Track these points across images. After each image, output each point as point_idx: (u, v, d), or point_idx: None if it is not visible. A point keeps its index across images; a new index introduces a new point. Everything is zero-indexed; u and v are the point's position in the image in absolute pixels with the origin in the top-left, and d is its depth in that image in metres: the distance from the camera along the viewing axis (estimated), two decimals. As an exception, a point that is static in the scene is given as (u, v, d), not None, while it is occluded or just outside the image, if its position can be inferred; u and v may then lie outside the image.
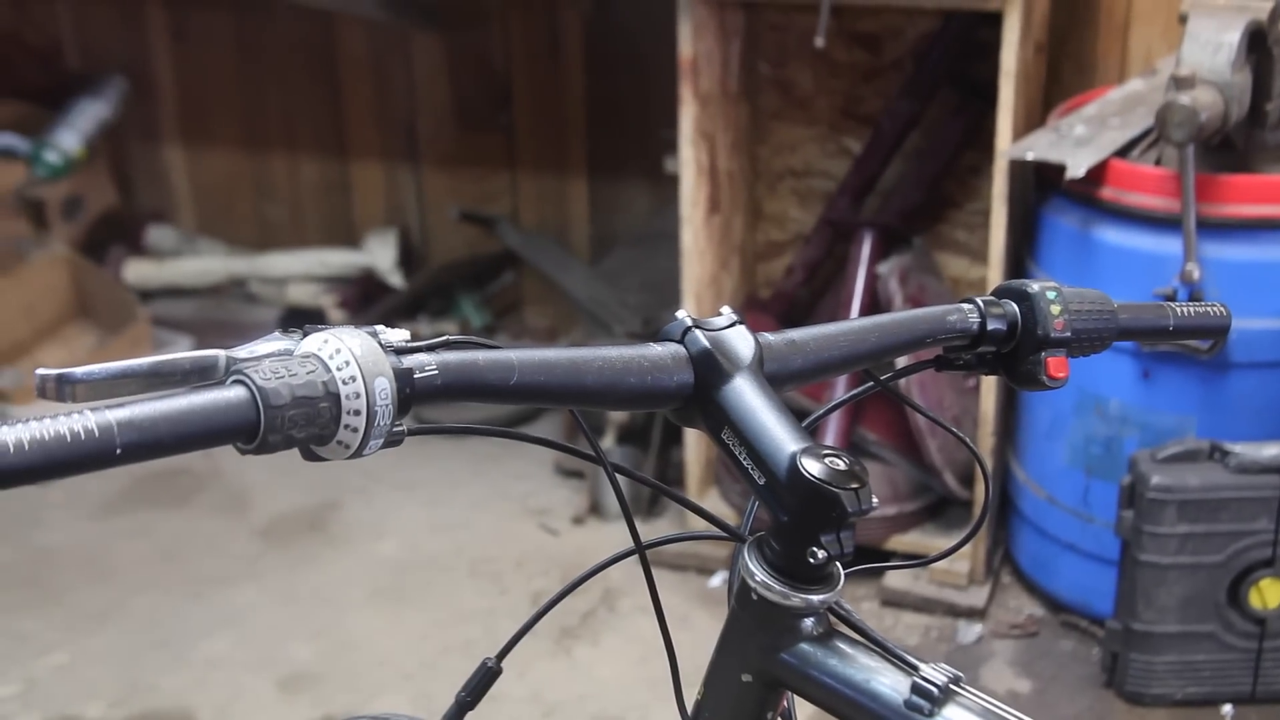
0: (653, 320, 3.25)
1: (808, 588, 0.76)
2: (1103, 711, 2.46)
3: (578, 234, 3.76)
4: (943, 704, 0.72)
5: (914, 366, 0.96)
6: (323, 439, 0.63)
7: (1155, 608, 2.38)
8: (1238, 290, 2.28)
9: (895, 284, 2.73)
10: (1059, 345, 0.90)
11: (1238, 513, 2.32)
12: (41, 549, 3.04)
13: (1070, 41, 2.90)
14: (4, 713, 2.52)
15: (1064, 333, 0.90)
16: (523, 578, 2.88)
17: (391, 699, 2.50)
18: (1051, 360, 0.90)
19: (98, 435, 0.55)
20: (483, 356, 0.70)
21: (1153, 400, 2.43)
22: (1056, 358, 0.90)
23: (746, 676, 0.80)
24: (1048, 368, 0.90)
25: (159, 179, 4.17)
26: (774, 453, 0.74)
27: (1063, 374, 0.90)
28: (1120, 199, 2.38)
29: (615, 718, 2.46)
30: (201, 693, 2.55)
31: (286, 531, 3.08)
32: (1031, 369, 0.90)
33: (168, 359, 0.61)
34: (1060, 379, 0.91)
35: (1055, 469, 2.60)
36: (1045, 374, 0.90)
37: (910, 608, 2.74)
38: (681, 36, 2.64)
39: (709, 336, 0.78)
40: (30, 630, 2.74)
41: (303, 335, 0.65)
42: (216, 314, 3.96)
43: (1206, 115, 2.20)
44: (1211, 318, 0.99)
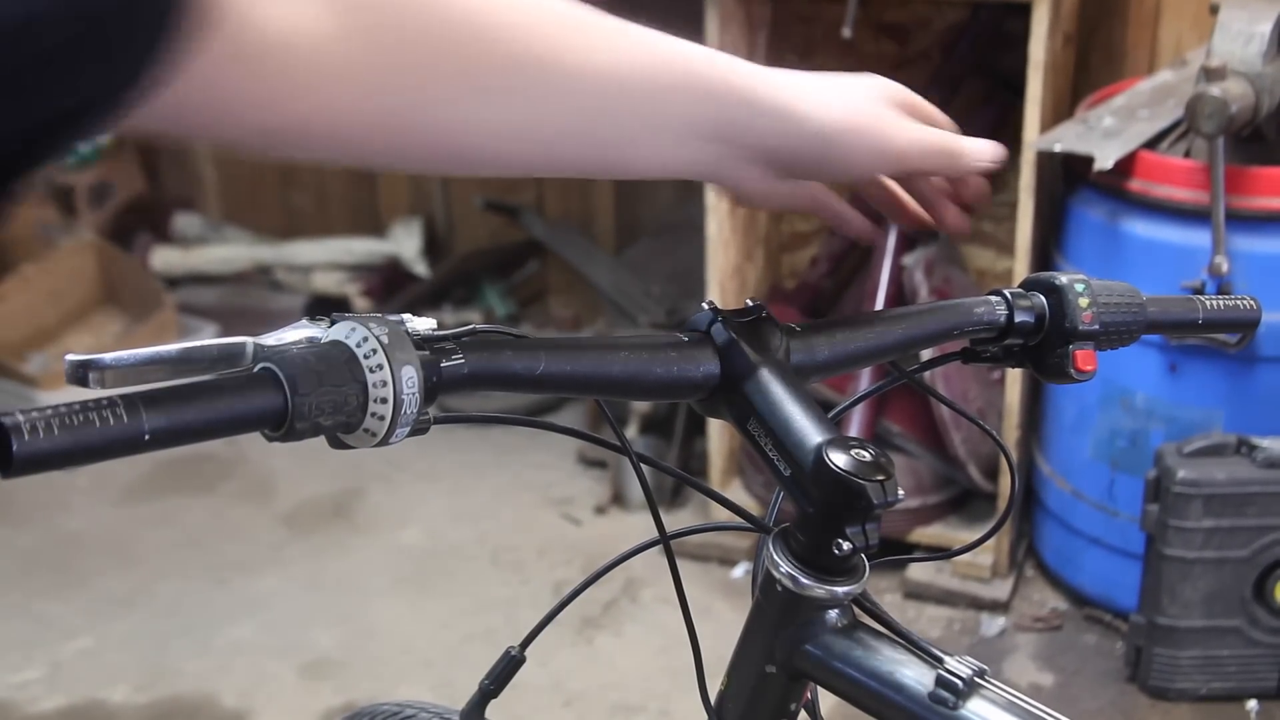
0: (677, 311, 3.25)
1: (832, 579, 0.76)
2: (1126, 706, 2.45)
3: (602, 224, 3.75)
4: (967, 697, 0.72)
5: (940, 359, 0.96)
6: (349, 427, 0.63)
7: (1180, 602, 2.37)
8: (1267, 283, 2.26)
9: (921, 275, 2.72)
10: (1087, 338, 0.89)
11: (1264, 507, 2.31)
12: (67, 534, 3.06)
13: (1099, 32, 2.89)
14: (29, 696, 2.53)
15: (1092, 325, 0.89)
16: (545, 567, 2.88)
17: (413, 687, 2.50)
18: (1079, 353, 0.89)
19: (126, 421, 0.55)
20: (509, 346, 0.70)
21: (1179, 394, 2.41)
22: (1084, 350, 0.89)
23: (770, 668, 0.80)
24: (1075, 360, 0.89)
25: (186, 167, 4.19)
26: (800, 444, 0.74)
27: (1090, 367, 0.90)
28: (1149, 191, 2.36)
29: (637, 707, 2.47)
30: (224, 678, 2.56)
31: (310, 519, 3.09)
32: (1059, 362, 0.89)
33: (195, 346, 0.61)
34: (1088, 372, 0.90)
35: (1080, 462, 2.59)
36: (1073, 367, 0.89)
37: (933, 600, 2.73)
38: (708, 27, 2.63)
39: (735, 327, 0.77)
40: (55, 615, 2.76)
41: (330, 323, 0.65)
42: (242, 301, 3.97)
43: (1237, 107, 2.18)
44: (1241, 311, 0.98)
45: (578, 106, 0.78)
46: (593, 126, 0.80)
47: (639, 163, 0.83)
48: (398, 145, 0.75)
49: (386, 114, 0.73)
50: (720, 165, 0.85)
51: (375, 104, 0.72)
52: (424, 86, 0.73)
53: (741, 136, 0.83)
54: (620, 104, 0.80)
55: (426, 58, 0.73)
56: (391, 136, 0.74)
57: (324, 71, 0.69)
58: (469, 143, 0.76)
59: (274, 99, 0.68)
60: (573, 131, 0.80)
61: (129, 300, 3.75)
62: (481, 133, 0.76)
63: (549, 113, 0.77)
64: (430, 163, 0.79)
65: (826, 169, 0.86)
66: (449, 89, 0.74)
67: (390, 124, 0.73)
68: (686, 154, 0.83)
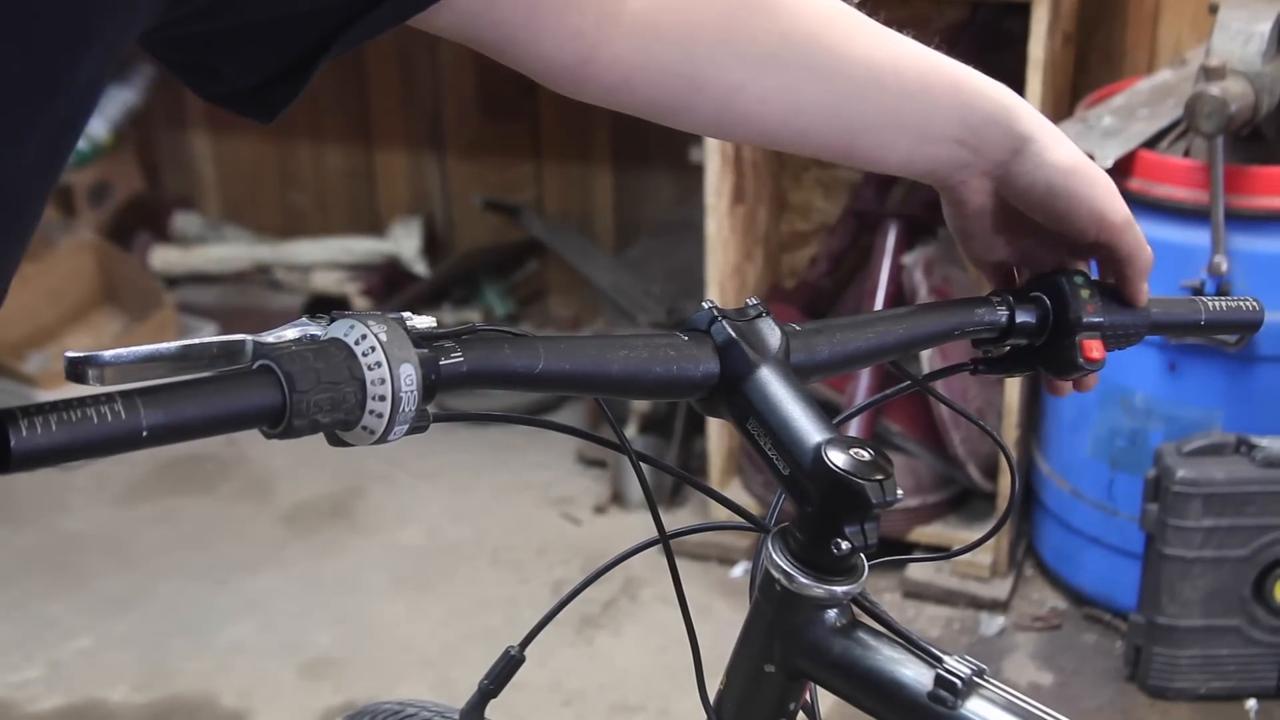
0: (677, 310, 3.25)
1: (831, 579, 0.76)
2: (1125, 705, 2.45)
3: (602, 223, 3.75)
4: (966, 696, 0.72)
5: (949, 369, 0.96)
6: (348, 424, 0.63)
7: (1179, 602, 2.37)
8: (1266, 283, 2.27)
9: (920, 275, 2.72)
10: (1092, 329, 0.89)
11: (1264, 507, 2.31)
12: (66, 534, 3.06)
13: (1099, 32, 2.89)
14: (28, 695, 2.53)
15: (1096, 316, 0.89)
16: (544, 566, 2.88)
17: (413, 686, 2.50)
18: (1087, 342, 0.89)
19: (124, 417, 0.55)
20: (508, 344, 0.70)
21: (1179, 393, 2.41)
22: (1092, 339, 0.89)
23: (769, 667, 0.80)
24: (1084, 349, 0.89)
25: (185, 166, 4.19)
26: (799, 443, 0.74)
27: (1099, 355, 0.90)
28: (1148, 190, 2.36)
29: (636, 707, 2.47)
30: (224, 678, 2.56)
31: (310, 518, 3.09)
32: (1068, 353, 0.89)
33: (195, 343, 0.62)
34: (1097, 360, 0.90)
35: (1079, 461, 2.59)
36: (1082, 356, 0.89)
37: (932, 600, 2.73)
38: (707, 25, 2.62)
39: (736, 326, 0.77)
40: (54, 614, 2.76)
41: (329, 321, 0.65)
42: (241, 301, 3.97)
43: (1236, 106, 2.18)
44: (1244, 312, 0.98)
45: (840, 90, 0.85)
46: (852, 111, 0.86)
47: (889, 155, 0.89)
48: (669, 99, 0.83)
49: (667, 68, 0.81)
50: (959, 171, 0.91)
51: (660, 58, 0.81)
52: (710, 44, 0.82)
53: (987, 147, 0.89)
54: (880, 94, 0.87)
55: (716, 19, 0.81)
56: (666, 90, 0.83)
57: (625, 16, 0.79)
58: (738, 105, 0.84)
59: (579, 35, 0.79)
60: (833, 112, 0.86)
61: (128, 300, 3.74)
62: (749, 97, 0.84)
63: (814, 90, 0.85)
64: (696, 119, 0.86)
65: (1053, 206, 0.89)
66: (729, 51, 0.82)
67: (668, 79, 0.82)
68: (934, 150, 0.89)
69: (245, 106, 0.74)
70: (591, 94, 0.83)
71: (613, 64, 0.80)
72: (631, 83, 0.82)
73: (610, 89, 0.82)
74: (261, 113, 0.74)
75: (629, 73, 0.81)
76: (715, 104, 0.84)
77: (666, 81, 0.83)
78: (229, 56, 0.71)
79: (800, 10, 0.84)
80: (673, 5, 0.81)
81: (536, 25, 0.77)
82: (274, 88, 0.73)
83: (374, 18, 0.71)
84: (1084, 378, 0.92)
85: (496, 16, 0.75)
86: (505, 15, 0.76)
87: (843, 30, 0.86)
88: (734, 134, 0.89)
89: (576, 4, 0.78)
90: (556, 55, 0.79)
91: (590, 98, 0.83)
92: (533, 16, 0.77)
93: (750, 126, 0.87)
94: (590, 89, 0.82)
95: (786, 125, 0.86)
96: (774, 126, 0.86)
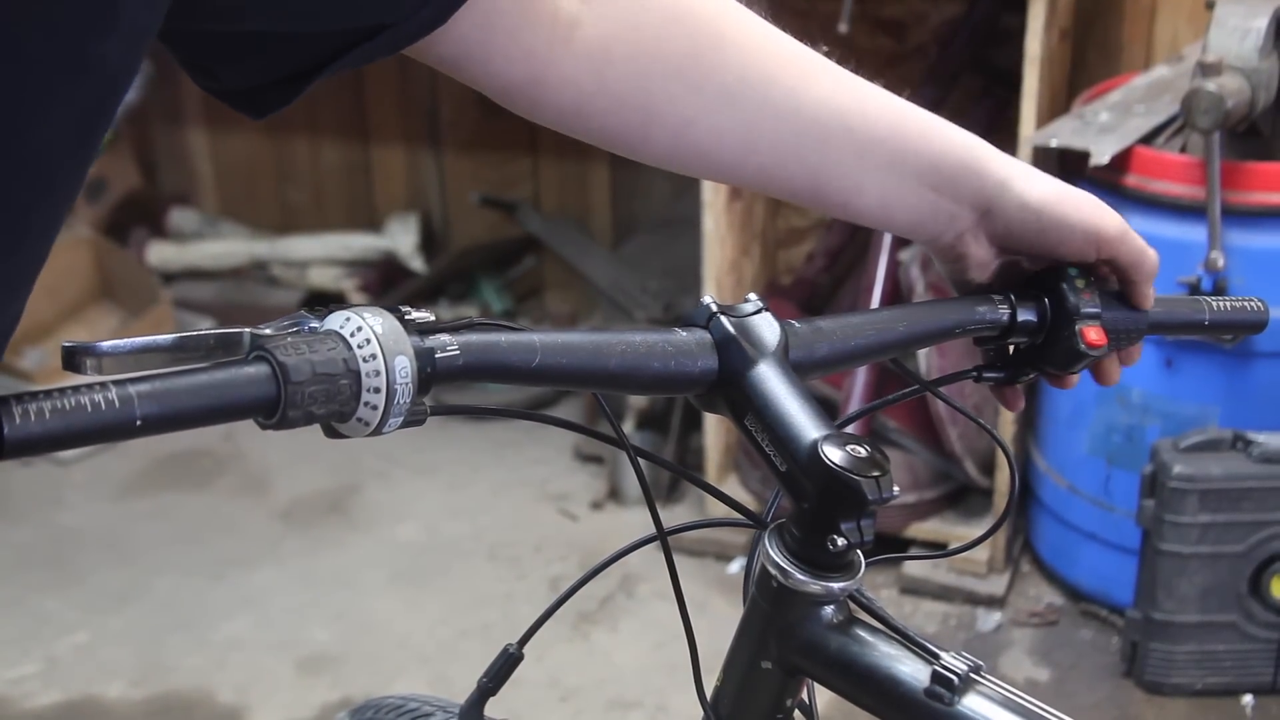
0: (674, 306, 3.25)
1: (828, 575, 0.76)
2: (1122, 701, 2.45)
3: (599, 219, 3.75)
4: (963, 693, 0.72)
5: (953, 375, 0.96)
6: (343, 416, 0.63)
7: (1176, 597, 2.37)
8: (1263, 279, 2.27)
9: (917, 271, 2.72)
10: (1091, 318, 0.89)
11: (1260, 502, 2.31)
12: (63, 529, 3.06)
13: (1095, 27, 2.89)
14: (25, 691, 2.53)
15: (1092, 303, 0.89)
16: (541, 562, 2.88)
17: (410, 681, 2.50)
18: (1086, 329, 0.89)
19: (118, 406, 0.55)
20: (505, 338, 0.70)
21: (1175, 389, 2.42)
22: (1091, 326, 0.89)
23: (766, 663, 0.80)
24: (1084, 336, 0.89)
25: (182, 162, 4.18)
26: (795, 439, 0.74)
27: (1100, 340, 0.89)
28: (1145, 186, 2.36)
29: (633, 703, 2.47)
30: (221, 673, 2.56)
31: (307, 514, 3.09)
32: (1069, 342, 0.89)
33: (191, 334, 0.62)
34: (1100, 346, 0.89)
35: (1076, 458, 2.59)
36: (1083, 343, 0.89)
37: (929, 595, 2.73)
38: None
39: (734, 322, 0.77)
40: (51, 610, 2.76)
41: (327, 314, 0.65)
42: (238, 297, 3.97)
43: (1233, 102, 2.18)
44: (1248, 313, 0.97)
45: (800, 130, 0.86)
46: (814, 152, 0.87)
47: (860, 199, 0.89)
48: (622, 128, 0.84)
49: (620, 97, 0.82)
50: (948, 227, 0.91)
51: (614, 86, 0.82)
52: (664, 76, 0.83)
53: (965, 194, 0.89)
54: (844, 137, 0.87)
55: (671, 51, 0.82)
56: (620, 118, 0.84)
57: (578, 41, 0.80)
58: (693, 139, 0.85)
59: (529, 55, 0.80)
60: (794, 153, 0.86)
61: (125, 295, 3.74)
62: (704, 132, 0.85)
63: (772, 129, 0.85)
64: (651, 151, 0.87)
65: (1046, 240, 0.90)
66: (684, 85, 0.83)
67: (621, 108, 0.83)
68: (910, 199, 0.89)
69: (236, 102, 0.76)
70: (547, 115, 0.84)
71: (564, 86, 0.81)
72: (585, 109, 0.83)
73: (564, 112, 0.83)
74: (252, 111, 0.76)
75: (581, 98, 0.82)
76: (669, 136, 0.85)
77: (620, 110, 0.83)
78: (226, 61, 0.73)
79: (759, 50, 0.85)
80: (627, 35, 0.82)
81: (489, 43, 0.79)
82: (265, 94, 0.75)
83: (368, 48, 0.73)
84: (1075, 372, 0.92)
85: (454, 33, 0.77)
86: (463, 32, 0.77)
87: (804, 72, 0.86)
88: (691, 169, 0.90)
89: (529, 23, 0.79)
90: (509, 73, 0.80)
91: (546, 120, 0.84)
92: (486, 34, 0.78)
93: (706, 162, 0.87)
94: (544, 110, 0.83)
95: (744, 163, 0.87)
96: (731, 163, 0.87)
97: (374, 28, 0.72)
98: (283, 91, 0.75)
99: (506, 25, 0.78)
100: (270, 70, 0.74)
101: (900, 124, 0.88)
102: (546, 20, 0.79)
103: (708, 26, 0.84)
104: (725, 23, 0.85)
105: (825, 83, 0.87)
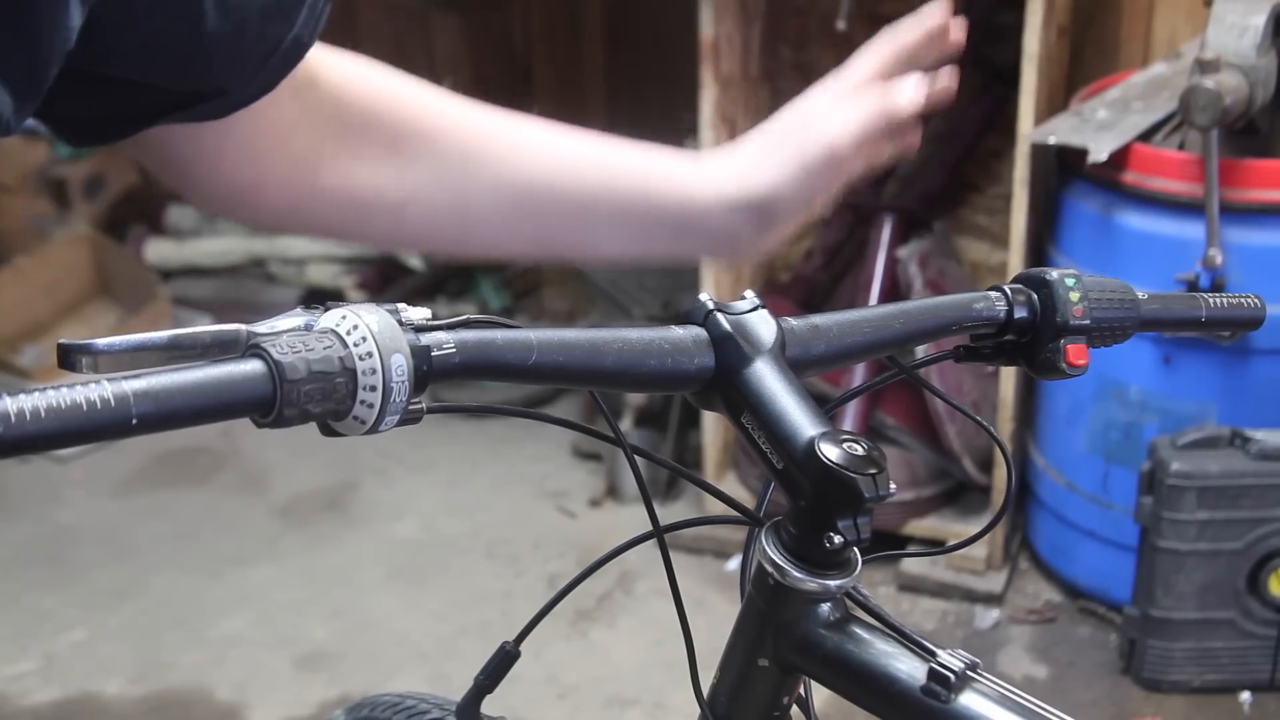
0: (671, 303, 3.25)
1: (825, 573, 0.76)
2: (1119, 698, 2.45)
3: (597, 216, 3.75)
4: (960, 690, 0.72)
5: (935, 357, 0.96)
6: (339, 414, 0.63)
7: (1174, 594, 2.37)
8: (1261, 276, 2.27)
9: (915, 268, 2.72)
10: (1078, 332, 0.89)
11: (1258, 500, 2.31)
12: (61, 527, 3.06)
13: (1094, 25, 2.88)
14: (23, 688, 2.53)
15: (1083, 320, 0.89)
16: (539, 559, 2.88)
17: (408, 679, 2.50)
18: (1071, 347, 0.89)
19: (114, 405, 0.55)
20: (501, 336, 0.70)
21: (1173, 386, 2.42)
22: (1076, 345, 0.89)
23: (763, 661, 0.80)
24: (1067, 355, 0.89)
25: (179, 159, 4.17)
26: (792, 437, 0.74)
27: (1082, 361, 0.89)
28: (1143, 183, 2.36)
29: (631, 700, 2.47)
30: (219, 670, 2.56)
31: (305, 511, 3.09)
32: (1051, 357, 0.89)
33: (188, 332, 0.62)
34: (1080, 366, 0.89)
35: (1074, 455, 2.59)
36: (1065, 361, 0.89)
37: (928, 593, 2.74)
38: (703, 18, 2.63)
39: (731, 320, 0.77)
40: (50, 607, 2.76)
41: (323, 311, 0.65)
42: (236, 294, 3.97)
43: (1231, 99, 2.18)
44: (1245, 309, 0.97)
45: (514, 198, 0.89)
46: (532, 218, 0.90)
47: (606, 249, 0.93)
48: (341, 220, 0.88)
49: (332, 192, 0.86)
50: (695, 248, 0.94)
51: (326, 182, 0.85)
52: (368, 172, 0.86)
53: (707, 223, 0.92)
54: (558, 199, 0.90)
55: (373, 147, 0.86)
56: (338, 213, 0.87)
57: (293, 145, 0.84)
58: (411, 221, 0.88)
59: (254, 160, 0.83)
60: (512, 220, 0.90)
61: (123, 293, 3.74)
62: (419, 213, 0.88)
63: (484, 202, 0.88)
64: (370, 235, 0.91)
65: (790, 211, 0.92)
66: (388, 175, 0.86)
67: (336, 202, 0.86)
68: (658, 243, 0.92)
69: (59, 127, 0.78)
70: (264, 218, 0.88)
71: (280, 188, 0.85)
72: (300, 208, 0.87)
73: (280, 213, 0.87)
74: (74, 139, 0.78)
75: (296, 198, 0.86)
76: (388, 222, 0.88)
77: (336, 205, 0.87)
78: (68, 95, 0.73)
79: (462, 131, 0.89)
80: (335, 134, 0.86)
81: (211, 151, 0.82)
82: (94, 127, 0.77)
83: (204, 108, 0.76)
84: None
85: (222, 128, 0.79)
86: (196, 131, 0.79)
87: (510, 145, 0.90)
88: (417, 247, 0.95)
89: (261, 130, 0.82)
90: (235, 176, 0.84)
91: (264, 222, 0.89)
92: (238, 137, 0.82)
93: (431, 239, 0.91)
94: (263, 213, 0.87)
95: (468, 235, 0.90)
96: (455, 237, 0.91)
97: (214, 90, 0.75)
98: (108, 130, 0.77)
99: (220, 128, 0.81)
100: (105, 110, 0.75)
101: (613, 177, 0.91)
102: (270, 128, 0.82)
103: (409, 116, 0.87)
104: (426, 111, 0.88)
105: (533, 152, 0.90)
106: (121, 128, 0.76)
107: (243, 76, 0.75)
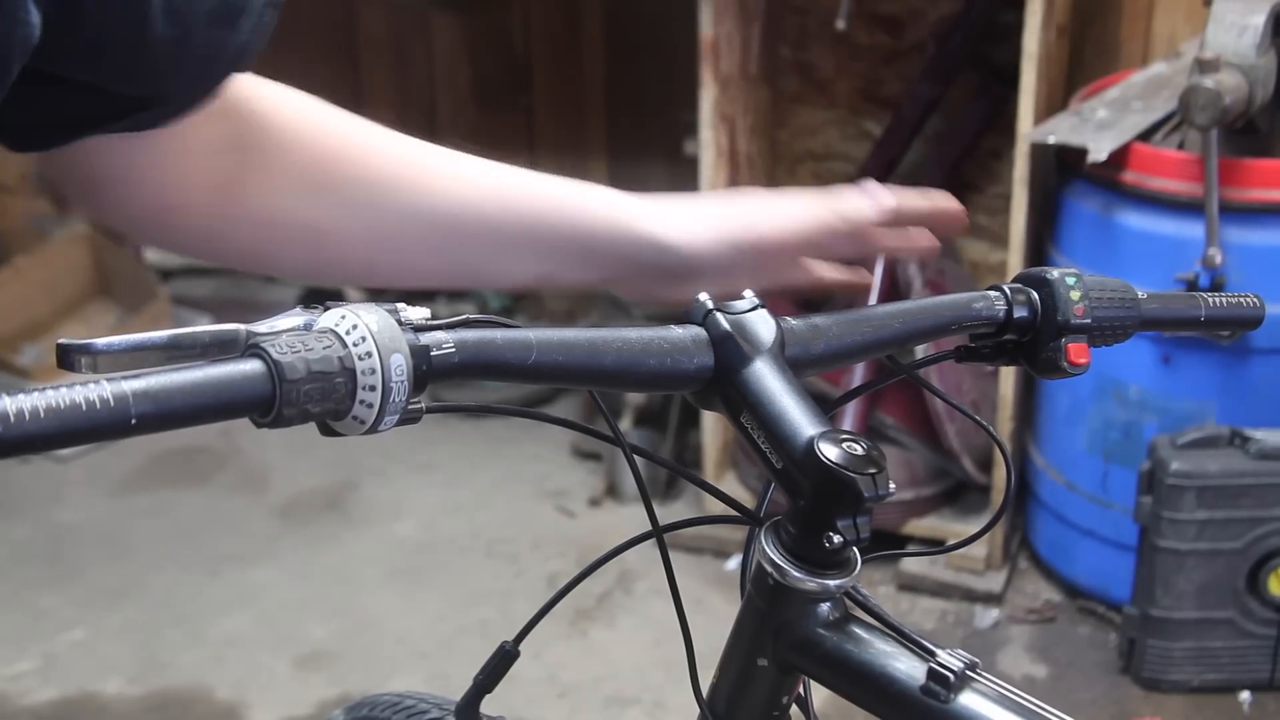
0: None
1: (824, 572, 0.76)
2: (1119, 697, 2.45)
3: (597, 215, 3.74)
4: (959, 690, 0.72)
5: (935, 356, 0.96)
6: (338, 414, 0.63)
7: (1173, 594, 2.37)
8: (1260, 275, 2.27)
9: (915, 268, 2.72)
10: (1079, 331, 0.89)
11: (1258, 499, 2.31)
12: (61, 526, 3.06)
13: (1093, 24, 2.88)
14: (22, 688, 2.53)
15: (1084, 319, 0.89)
16: (539, 559, 2.88)
17: (408, 678, 2.50)
18: (1072, 346, 0.89)
19: (113, 405, 0.55)
20: (501, 335, 0.70)
21: (1173, 386, 2.42)
22: (1077, 343, 0.89)
23: (762, 661, 0.80)
24: (1068, 354, 0.89)
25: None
26: (791, 437, 0.74)
27: (1083, 360, 0.89)
28: (1142, 183, 2.36)
29: (630, 699, 2.47)
30: (218, 670, 2.56)
31: (304, 511, 3.09)
32: (1052, 356, 0.89)
33: (188, 332, 0.62)
34: (1081, 365, 0.89)
35: (1074, 454, 2.59)
36: (1066, 360, 0.89)
37: (927, 592, 2.74)
38: (703, 18, 2.63)
39: (731, 319, 0.77)
40: (49, 606, 2.76)
41: (323, 311, 0.65)
42: (236, 293, 3.96)
43: (1231, 99, 2.18)
44: (1244, 309, 0.97)
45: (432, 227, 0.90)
46: (451, 246, 0.91)
47: (525, 276, 0.94)
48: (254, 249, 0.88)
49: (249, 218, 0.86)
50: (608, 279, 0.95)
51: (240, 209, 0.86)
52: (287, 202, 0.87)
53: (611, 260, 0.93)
54: (479, 227, 0.91)
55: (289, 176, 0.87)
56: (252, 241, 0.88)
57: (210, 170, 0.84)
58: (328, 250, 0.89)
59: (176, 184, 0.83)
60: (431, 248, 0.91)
61: (123, 292, 3.74)
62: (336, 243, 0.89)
63: (401, 231, 0.89)
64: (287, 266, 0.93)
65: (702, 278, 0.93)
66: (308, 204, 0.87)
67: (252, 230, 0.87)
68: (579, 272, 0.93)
69: None
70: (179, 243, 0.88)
71: (197, 213, 0.85)
72: (215, 235, 0.87)
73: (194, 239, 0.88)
74: (9, 144, 0.78)
75: (213, 224, 0.86)
76: (306, 250, 0.89)
77: (253, 232, 0.88)
78: None
79: (378, 158, 0.90)
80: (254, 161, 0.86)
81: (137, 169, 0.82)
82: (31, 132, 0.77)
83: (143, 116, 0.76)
84: None
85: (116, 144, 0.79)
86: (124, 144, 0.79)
87: (427, 172, 0.91)
88: (332, 278, 0.94)
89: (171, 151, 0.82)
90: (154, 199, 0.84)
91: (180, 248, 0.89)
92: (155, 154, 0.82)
93: (347, 268, 0.92)
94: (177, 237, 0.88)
95: (385, 263, 0.91)
96: (369, 265, 0.91)
97: (156, 97, 0.75)
98: (51, 135, 0.76)
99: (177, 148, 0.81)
100: (45, 114, 0.75)
101: (535, 206, 0.92)
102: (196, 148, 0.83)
103: (330, 145, 0.88)
104: (346, 140, 0.89)
105: (446, 178, 0.91)
106: (62, 133, 0.76)
107: (186, 81, 0.75)
